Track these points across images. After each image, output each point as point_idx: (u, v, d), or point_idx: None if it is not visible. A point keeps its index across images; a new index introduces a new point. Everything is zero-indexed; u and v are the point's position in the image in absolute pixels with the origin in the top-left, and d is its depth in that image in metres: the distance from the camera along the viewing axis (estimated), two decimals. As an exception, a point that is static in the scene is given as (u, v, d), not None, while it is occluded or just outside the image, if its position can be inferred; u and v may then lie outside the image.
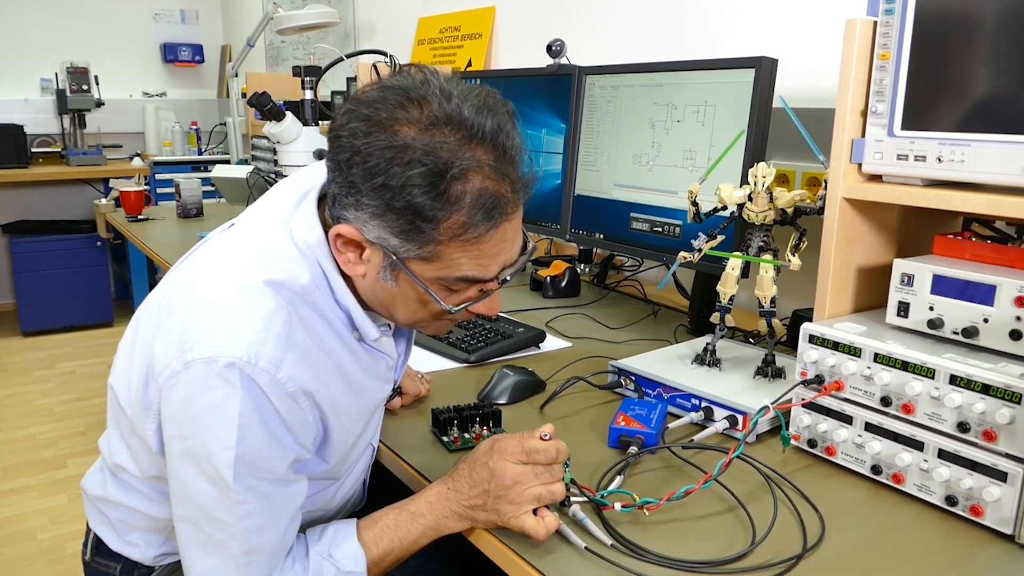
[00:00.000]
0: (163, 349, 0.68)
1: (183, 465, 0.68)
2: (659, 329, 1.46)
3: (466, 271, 0.69)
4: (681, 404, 1.02)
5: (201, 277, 0.70)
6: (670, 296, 1.70)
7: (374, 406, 0.82)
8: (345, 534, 0.75)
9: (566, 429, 0.99)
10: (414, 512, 0.77)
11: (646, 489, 0.84)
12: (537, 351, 1.29)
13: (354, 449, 0.82)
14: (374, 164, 0.65)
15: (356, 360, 0.76)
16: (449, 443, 0.93)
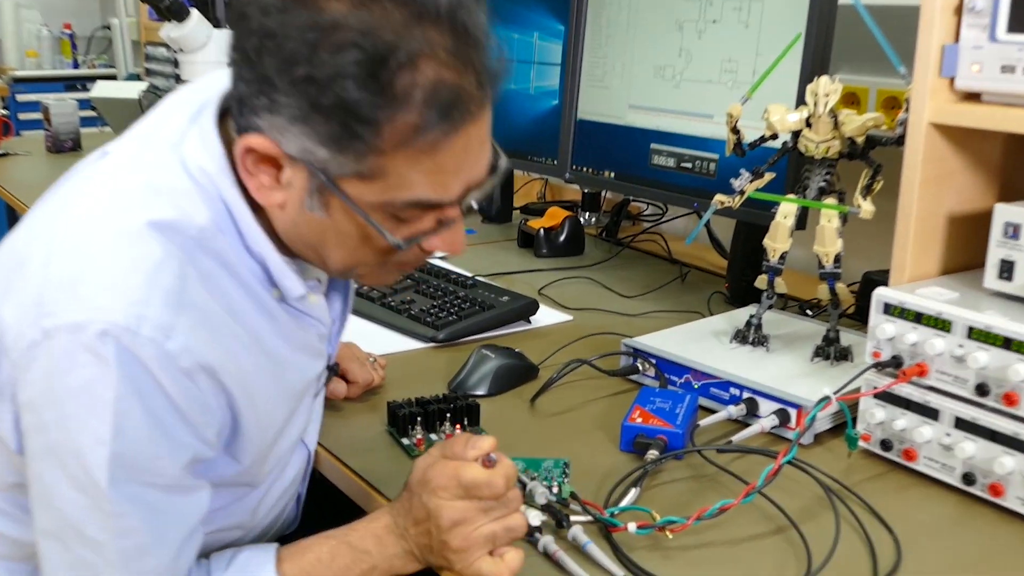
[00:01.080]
0: (15, 314, 0.63)
1: (45, 465, 0.64)
2: (688, 298, 1.46)
3: (419, 192, 0.65)
4: (716, 395, 1.03)
5: (64, 221, 0.66)
6: (702, 254, 1.71)
7: (301, 388, 0.79)
8: (260, 563, 0.72)
9: (565, 428, 1.00)
10: (356, 547, 0.74)
11: (670, 505, 0.84)
12: (527, 326, 1.30)
13: (277, 446, 0.79)
14: (293, 49, 0.60)
15: (275, 326, 0.73)
16: (411, 447, 0.93)
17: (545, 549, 0.76)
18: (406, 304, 1.31)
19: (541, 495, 0.81)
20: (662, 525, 0.77)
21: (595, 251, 1.72)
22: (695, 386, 1.05)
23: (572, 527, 0.78)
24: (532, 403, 1.06)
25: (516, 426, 1.00)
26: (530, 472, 0.84)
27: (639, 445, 0.92)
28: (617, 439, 0.95)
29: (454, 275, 1.41)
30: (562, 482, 0.84)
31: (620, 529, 0.78)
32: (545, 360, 1.15)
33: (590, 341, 1.21)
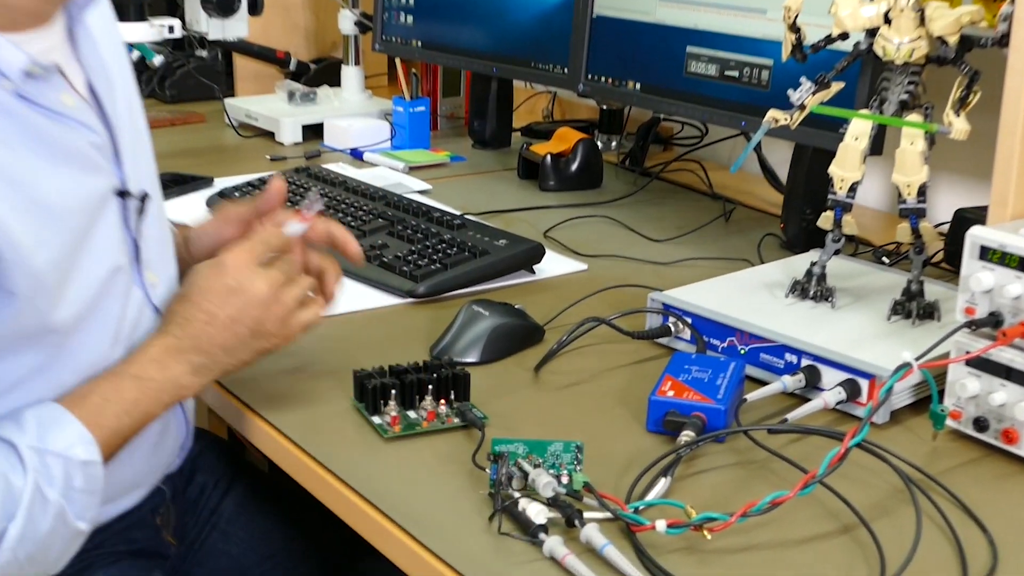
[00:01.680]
0: None
1: None
2: (733, 242, 1.46)
3: None
4: (768, 362, 1.03)
5: None
6: (751, 187, 1.71)
7: (77, 206, 0.85)
8: (55, 416, 0.82)
9: (577, 404, 1.00)
10: (138, 376, 0.87)
11: (708, 499, 0.84)
12: (530, 277, 1.31)
13: (73, 280, 0.84)
14: None
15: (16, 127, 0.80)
16: (383, 426, 0.94)
17: (552, 553, 0.76)
18: (377, 250, 1.30)
19: (547, 486, 0.80)
20: (699, 523, 0.77)
21: (616, 183, 1.72)
22: (741, 351, 1.05)
23: (586, 526, 0.78)
24: (536, 372, 1.06)
25: (516, 401, 1.01)
26: (534, 458, 0.84)
27: (670, 424, 0.92)
28: (642, 417, 0.95)
29: (438, 213, 1.40)
30: (573, 470, 0.84)
31: (646, 528, 0.78)
32: (553, 319, 1.15)
33: (609, 296, 1.22)
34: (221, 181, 1.64)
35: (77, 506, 0.82)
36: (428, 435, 0.93)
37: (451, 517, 0.81)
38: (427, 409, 0.95)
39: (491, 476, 0.82)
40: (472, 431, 0.93)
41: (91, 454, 0.83)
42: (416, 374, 0.96)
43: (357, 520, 0.85)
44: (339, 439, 0.93)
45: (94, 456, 0.83)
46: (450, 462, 0.89)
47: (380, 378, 0.95)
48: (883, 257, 1.36)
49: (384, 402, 0.95)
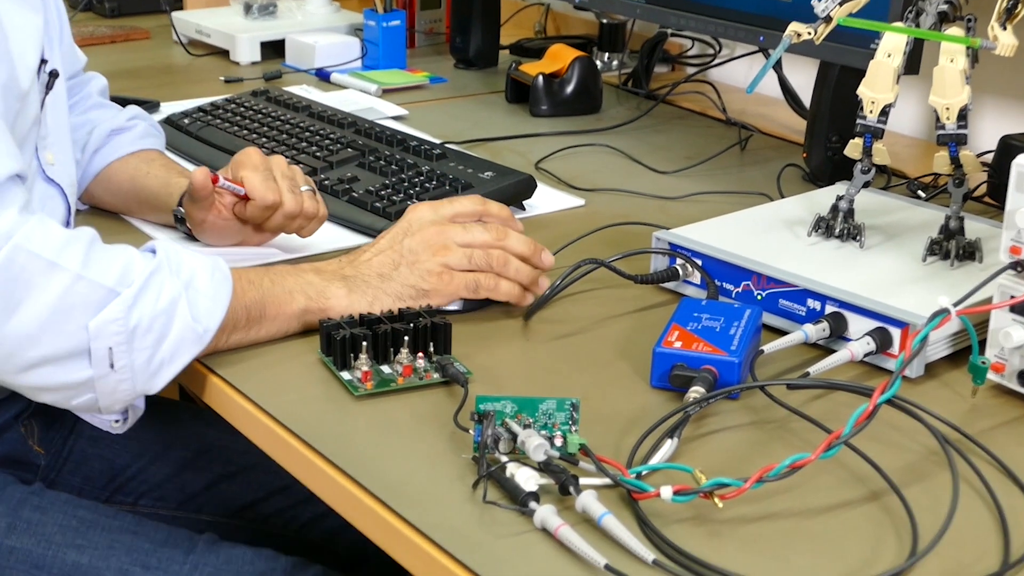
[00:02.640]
0: None
1: None
2: (749, 173, 1.47)
3: None
4: (787, 309, 1.03)
5: None
6: (770, 111, 1.70)
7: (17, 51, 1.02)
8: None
9: (572, 357, 1.01)
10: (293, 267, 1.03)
11: (720, 462, 0.85)
12: (520, 215, 1.31)
13: None
14: None
15: None
16: (354, 383, 0.94)
17: (543, 524, 0.76)
18: (346, 184, 1.30)
19: (538, 449, 0.80)
20: (709, 490, 0.77)
21: (617, 108, 1.72)
22: (758, 297, 1.05)
23: (582, 493, 0.78)
24: (526, 321, 1.07)
25: (503, 354, 1.01)
26: (523, 417, 0.84)
27: (678, 379, 0.92)
28: (646, 371, 0.96)
29: (415, 142, 1.40)
30: (568, 431, 0.84)
31: (649, 495, 0.77)
32: None
33: (609, 235, 1.22)
34: (168, 106, 1.63)
35: (197, 306, 0.93)
36: (404, 392, 0.93)
37: (429, 484, 0.81)
38: (403, 363, 0.95)
39: (475, 438, 0.83)
40: (454, 388, 0.93)
41: (221, 266, 0.96)
42: (390, 324, 0.96)
43: (323, 487, 0.85)
44: (303, 397, 0.93)
45: (223, 268, 0.96)
46: (429, 423, 0.89)
47: (350, 328, 0.95)
48: (918, 190, 1.36)
49: (354, 355, 0.95)
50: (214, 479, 1.31)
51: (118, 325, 0.89)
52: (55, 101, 1.11)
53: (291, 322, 1.00)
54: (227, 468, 1.31)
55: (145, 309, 0.90)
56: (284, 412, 0.90)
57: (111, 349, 0.89)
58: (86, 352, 0.89)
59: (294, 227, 1.15)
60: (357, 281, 1.02)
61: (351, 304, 1.00)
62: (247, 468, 1.31)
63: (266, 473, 1.29)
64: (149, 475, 1.29)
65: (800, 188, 1.37)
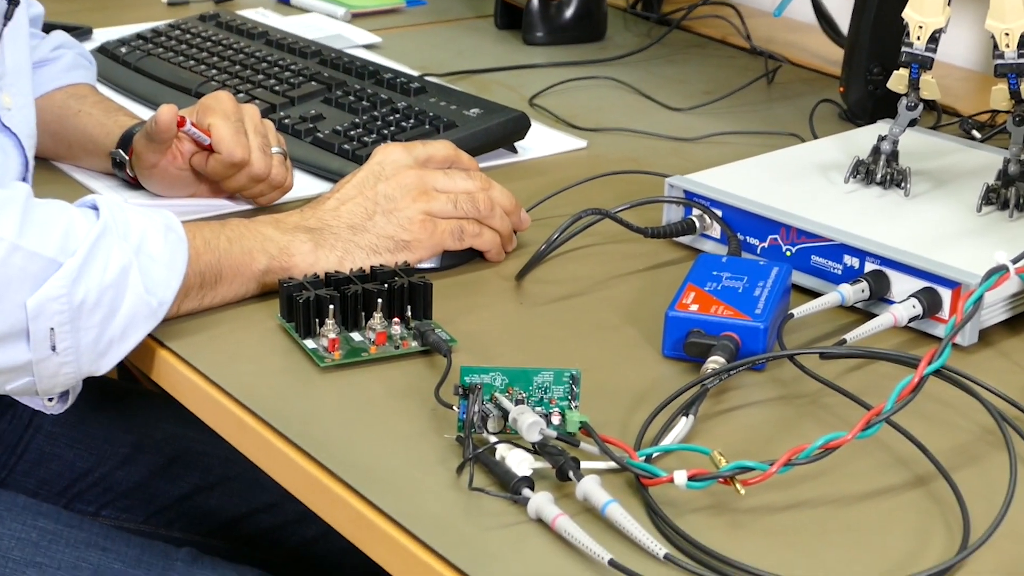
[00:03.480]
0: None
1: None
2: (778, 110, 1.48)
3: None
4: (821, 267, 1.04)
5: None
6: (802, 38, 1.70)
7: None
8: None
9: (572, 322, 1.01)
10: (249, 221, 1.02)
11: (742, 443, 0.85)
12: (511, 158, 1.33)
13: None
14: None
15: None
16: (319, 352, 0.94)
17: (538, 514, 0.76)
18: (309, 123, 1.30)
19: (532, 427, 0.80)
20: (729, 474, 0.76)
21: (624, 35, 1.72)
22: (787, 253, 1.05)
23: (583, 478, 0.77)
24: (518, 281, 1.07)
25: (492, 318, 1.01)
26: (515, 391, 0.84)
27: (694, 348, 0.92)
28: (657, 338, 0.96)
29: (390, 74, 1.40)
30: (567, 407, 0.84)
31: (661, 481, 0.77)
32: (537, 205, 1.16)
33: (615, 181, 1.22)
34: (102, 33, 1.63)
35: (150, 276, 0.92)
36: (377, 363, 0.93)
37: (407, 468, 0.81)
38: (376, 330, 0.95)
39: (459, 415, 0.83)
40: (435, 358, 0.94)
41: (174, 224, 0.95)
42: (361, 284, 0.96)
43: (285, 473, 0.85)
44: (261, 369, 0.93)
45: (177, 228, 0.95)
46: (406, 398, 0.89)
47: (314, 289, 0.95)
48: (973, 130, 1.36)
49: (320, 321, 0.95)
50: (190, 490, 1.30)
51: (61, 303, 0.88)
52: (15, 34, 1.08)
53: (249, 284, 1.01)
54: (206, 478, 1.30)
55: (92, 282, 0.89)
56: (238, 387, 0.90)
57: (53, 330, 0.88)
58: (23, 333, 0.87)
59: (255, 191, 1.15)
60: (324, 234, 1.02)
61: (318, 260, 1.00)
62: (229, 479, 1.30)
63: (251, 486, 1.28)
64: (115, 482, 1.28)
65: (836, 128, 1.37)
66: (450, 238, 1.04)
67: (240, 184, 1.14)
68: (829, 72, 1.56)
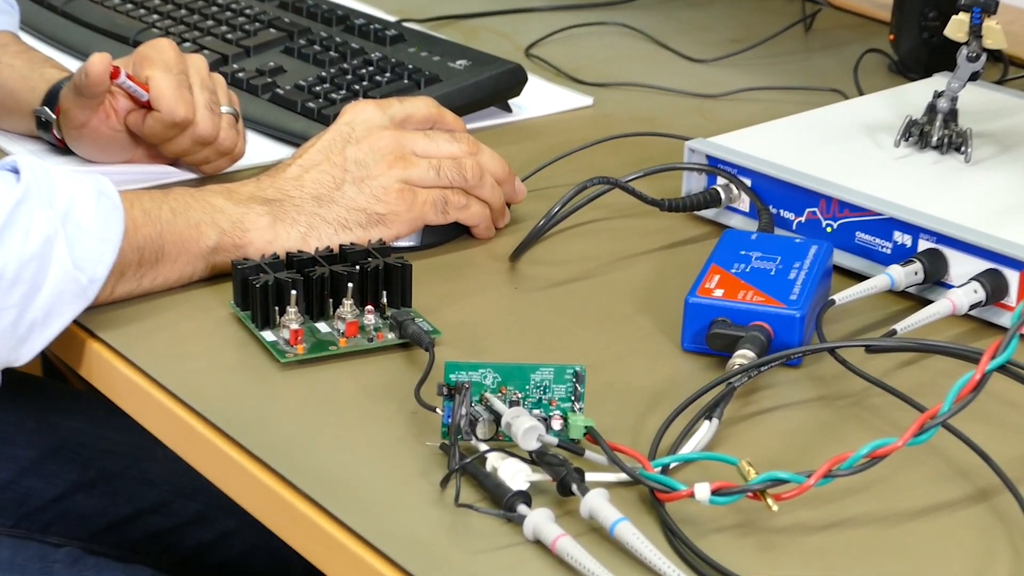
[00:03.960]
0: None
1: None
2: (816, 61, 1.50)
3: None
4: (866, 245, 1.04)
5: None
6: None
7: None
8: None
9: (575, 310, 1.01)
10: (195, 190, 1.02)
11: (775, 451, 0.85)
12: (506, 118, 1.34)
13: None
14: None
15: None
16: (280, 346, 0.94)
17: (536, 534, 0.75)
18: (267, 76, 1.31)
19: (529, 433, 0.79)
20: (760, 487, 0.76)
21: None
22: (827, 229, 1.05)
23: (589, 493, 0.77)
24: (513, 262, 1.07)
25: (482, 306, 1.02)
26: (509, 391, 0.84)
27: (718, 340, 0.92)
28: (675, 329, 0.96)
29: (362, 19, 1.40)
30: (570, 410, 0.83)
31: (680, 495, 0.76)
32: (533, 175, 1.17)
33: (626, 146, 1.23)
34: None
35: (79, 248, 0.91)
36: (348, 358, 0.93)
37: (383, 482, 0.81)
38: (346, 319, 0.95)
39: (444, 420, 0.82)
40: (415, 352, 0.94)
41: (107, 190, 0.94)
42: (328, 265, 0.96)
43: (239, 488, 0.85)
44: (211, 366, 0.93)
45: (111, 194, 0.94)
46: (382, 399, 0.89)
47: (273, 272, 0.95)
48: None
49: (280, 309, 0.94)
50: (68, 488, 1.28)
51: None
52: None
53: (196, 264, 1.00)
54: (86, 474, 1.29)
55: (10, 254, 0.88)
56: (185, 387, 0.90)
57: None
58: None
59: (200, 157, 1.15)
60: (285, 206, 1.01)
61: (277, 237, 1.00)
62: (112, 475, 1.29)
63: (138, 483, 1.28)
64: None
65: (885, 82, 1.37)
66: (432, 211, 1.03)
67: (183, 148, 1.13)
68: (877, 17, 1.56)
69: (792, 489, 0.75)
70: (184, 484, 1.28)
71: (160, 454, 0.98)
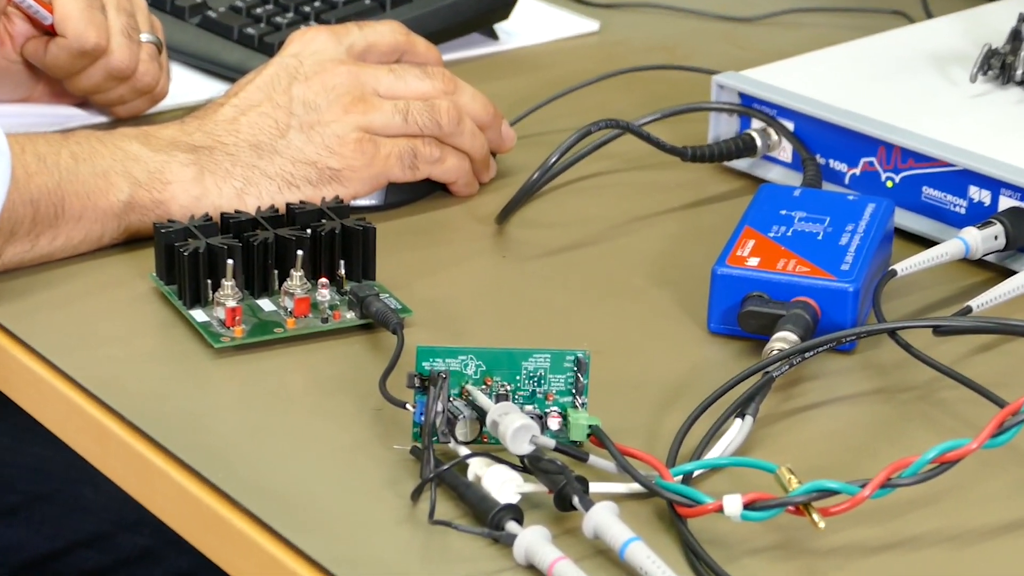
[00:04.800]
0: None
1: None
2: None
3: None
4: (936, 202, 1.06)
5: None
6: None
7: None
8: None
9: (579, 277, 1.04)
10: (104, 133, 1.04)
11: (822, 455, 0.86)
12: (492, 47, 1.39)
13: None
14: None
15: None
16: (213, 328, 0.95)
17: (529, 557, 0.76)
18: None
19: (521, 434, 0.80)
20: (803, 500, 0.76)
21: None
22: (887, 183, 1.07)
23: (595, 507, 0.78)
24: (500, 225, 1.10)
25: (463, 279, 1.05)
26: (497, 382, 0.85)
27: (752, 320, 0.94)
28: (699, 307, 0.97)
29: None
30: (570, 405, 0.85)
31: (706, 510, 0.77)
32: (523, 119, 1.19)
33: (639, 81, 1.27)
34: None
35: None
36: (297, 343, 0.95)
37: (341, 495, 0.82)
38: (294, 295, 0.95)
39: (415, 417, 0.83)
40: (380, 335, 0.95)
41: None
42: (273, 229, 0.97)
43: (163, 502, 0.86)
44: (128, 353, 0.94)
45: None
46: (338, 393, 0.90)
47: (205, 237, 0.96)
48: None
49: (214, 283, 0.95)
50: None
51: None
52: None
53: (106, 224, 1.00)
54: (6, 498, 1.31)
55: None
56: (96, 378, 0.91)
57: None
58: None
59: (114, 95, 1.16)
60: (216, 154, 1.03)
61: (207, 192, 1.01)
62: (42, 499, 1.31)
63: (70, 510, 1.29)
64: None
65: (959, 3, 1.39)
66: (398, 166, 1.05)
67: (93, 83, 1.14)
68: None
69: (843, 502, 0.76)
70: (127, 513, 1.29)
71: (98, 475, 0.97)
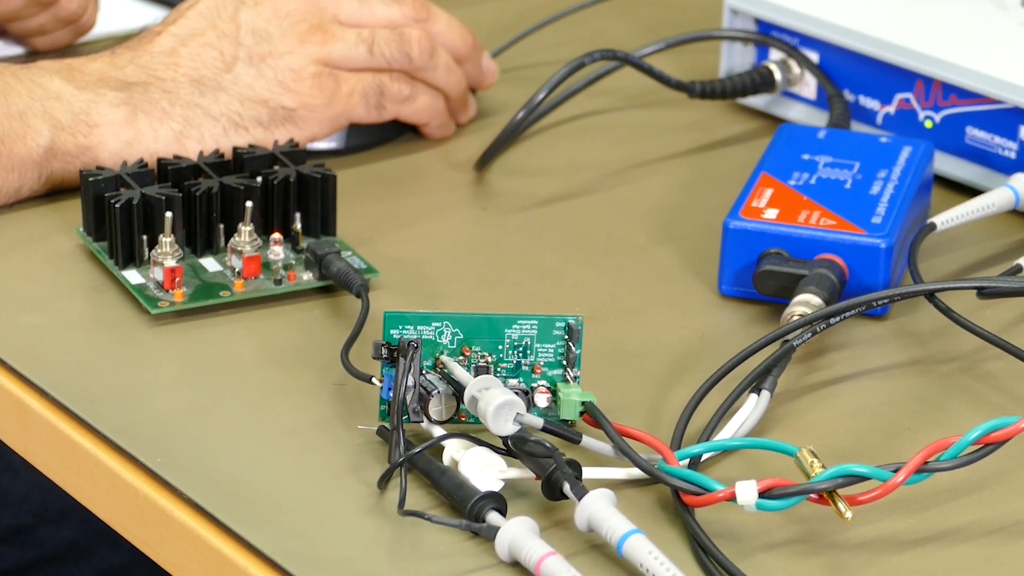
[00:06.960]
0: None
1: None
2: None
3: None
4: (981, 144, 1.07)
5: None
6: None
7: None
8: None
9: (571, 232, 1.06)
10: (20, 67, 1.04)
11: (849, 436, 0.86)
12: None
13: None
14: None
15: None
16: (149, 291, 0.96)
17: (514, 552, 0.76)
18: None
19: (504, 412, 0.80)
20: (827, 487, 0.76)
21: None
22: (926, 122, 1.08)
23: (588, 495, 0.78)
24: (478, 173, 1.10)
25: (437, 234, 1.05)
26: (476, 352, 0.85)
27: (770, 281, 0.94)
28: (709, 266, 0.98)
29: None
30: (560, 379, 0.85)
31: (716, 498, 0.77)
32: (506, 51, 1.22)
33: (639, 5, 1.28)
34: None
35: None
36: (246, 308, 0.95)
37: (298, 484, 0.82)
38: (243, 253, 0.96)
39: (383, 394, 0.83)
40: (342, 298, 0.96)
41: None
42: (218, 177, 0.97)
43: (94, 490, 0.85)
44: (52, 321, 0.95)
45: None
46: (294, 366, 0.90)
47: (140, 186, 0.96)
48: None
49: (151, 239, 0.95)
50: None
51: None
52: None
53: (24, 172, 1.01)
54: None
55: None
56: (15, 350, 0.91)
57: None
58: None
59: (33, 24, 1.20)
60: (152, 92, 1.03)
61: (140, 136, 1.01)
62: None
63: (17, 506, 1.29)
64: None
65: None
66: (362, 105, 1.04)
67: (9, 9, 1.14)
68: None
69: (873, 489, 0.76)
70: (51, 503, 1.30)
71: (18, 461, 0.98)
